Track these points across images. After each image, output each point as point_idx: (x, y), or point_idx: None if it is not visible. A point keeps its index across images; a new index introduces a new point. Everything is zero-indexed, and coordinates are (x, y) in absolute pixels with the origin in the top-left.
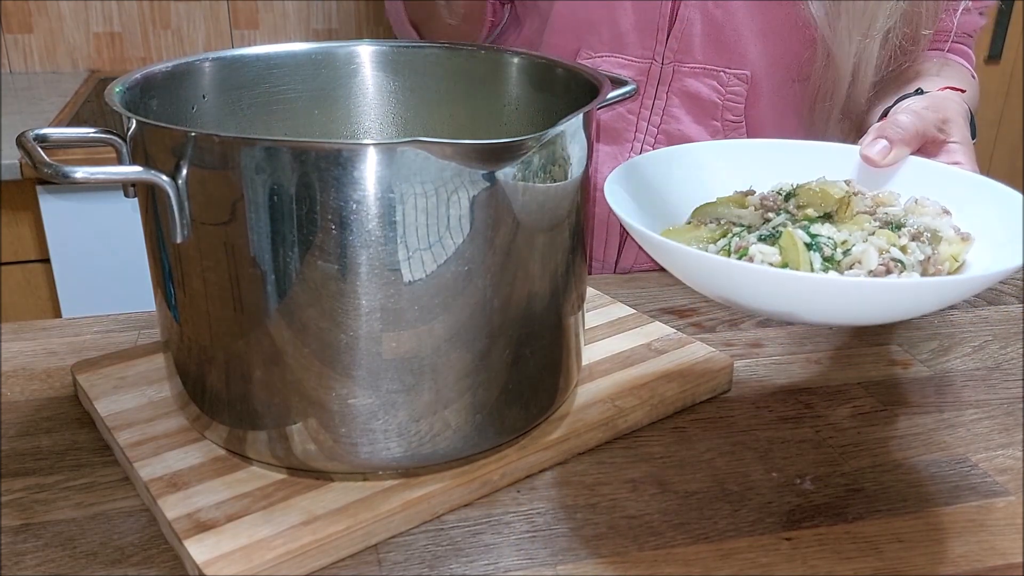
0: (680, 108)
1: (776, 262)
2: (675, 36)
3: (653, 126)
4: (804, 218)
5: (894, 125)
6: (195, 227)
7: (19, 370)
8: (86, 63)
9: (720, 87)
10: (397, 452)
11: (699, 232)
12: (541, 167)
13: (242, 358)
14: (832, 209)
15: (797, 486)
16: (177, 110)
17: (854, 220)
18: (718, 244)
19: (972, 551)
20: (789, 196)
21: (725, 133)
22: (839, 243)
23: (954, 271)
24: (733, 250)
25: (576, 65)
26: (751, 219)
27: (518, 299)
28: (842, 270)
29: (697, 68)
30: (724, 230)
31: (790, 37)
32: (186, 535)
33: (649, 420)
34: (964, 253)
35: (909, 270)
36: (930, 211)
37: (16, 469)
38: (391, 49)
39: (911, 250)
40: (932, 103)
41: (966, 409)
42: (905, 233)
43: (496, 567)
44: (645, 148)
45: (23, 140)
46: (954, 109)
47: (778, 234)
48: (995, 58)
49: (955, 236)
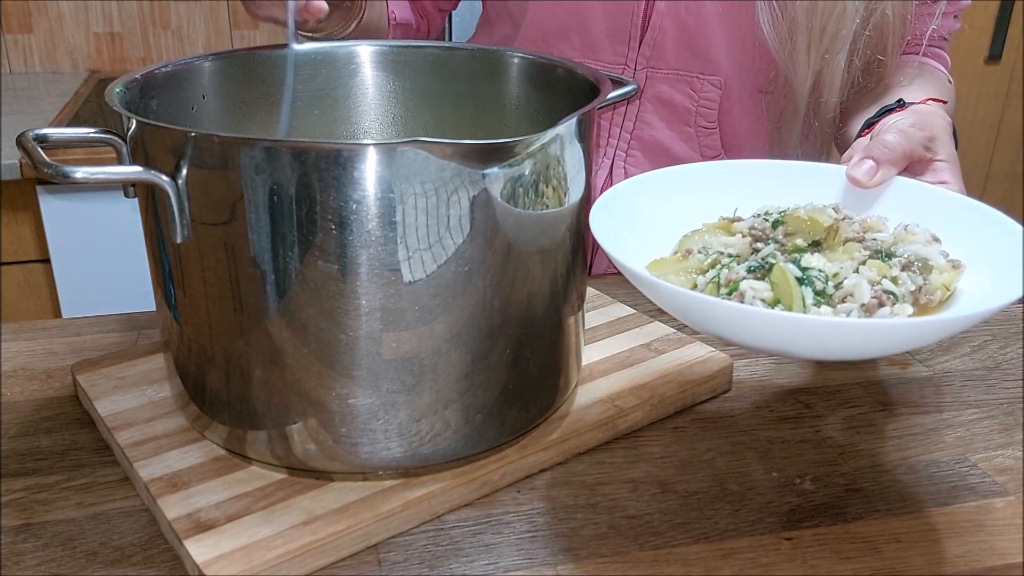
0: (653, 114)
1: (768, 298)
2: (647, 42)
3: (627, 132)
4: (793, 248)
5: (881, 145)
6: (195, 227)
7: (19, 370)
8: (86, 63)
9: (693, 93)
10: (397, 452)
11: (687, 263)
12: (541, 167)
13: (242, 358)
14: (820, 237)
15: (797, 486)
16: (177, 110)
17: (844, 248)
18: (707, 276)
19: (971, 551)
20: (776, 224)
21: (699, 139)
22: (831, 276)
23: (946, 299)
24: (723, 283)
25: (576, 65)
26: (739, 248)
27: (518, 299)
28: (834, 304)
29: (670, 74)
30: (713, 260)
31: (756, 48)
32: (186, 535)
33: (649, 420)
34: (955, 282)
35: (901, 301)
36: (920, 238)
37: (16, 469)
38: (391, 49)
39: (902, 280)
40: (918, 120)
41: (965, 409)
42: (896, 263)
43: (496, 567)
44: (619, 154)
45: (23, 140)
46: (940, 126)
47: (767, 266)
48: (995, 58)
49: (946, 264)
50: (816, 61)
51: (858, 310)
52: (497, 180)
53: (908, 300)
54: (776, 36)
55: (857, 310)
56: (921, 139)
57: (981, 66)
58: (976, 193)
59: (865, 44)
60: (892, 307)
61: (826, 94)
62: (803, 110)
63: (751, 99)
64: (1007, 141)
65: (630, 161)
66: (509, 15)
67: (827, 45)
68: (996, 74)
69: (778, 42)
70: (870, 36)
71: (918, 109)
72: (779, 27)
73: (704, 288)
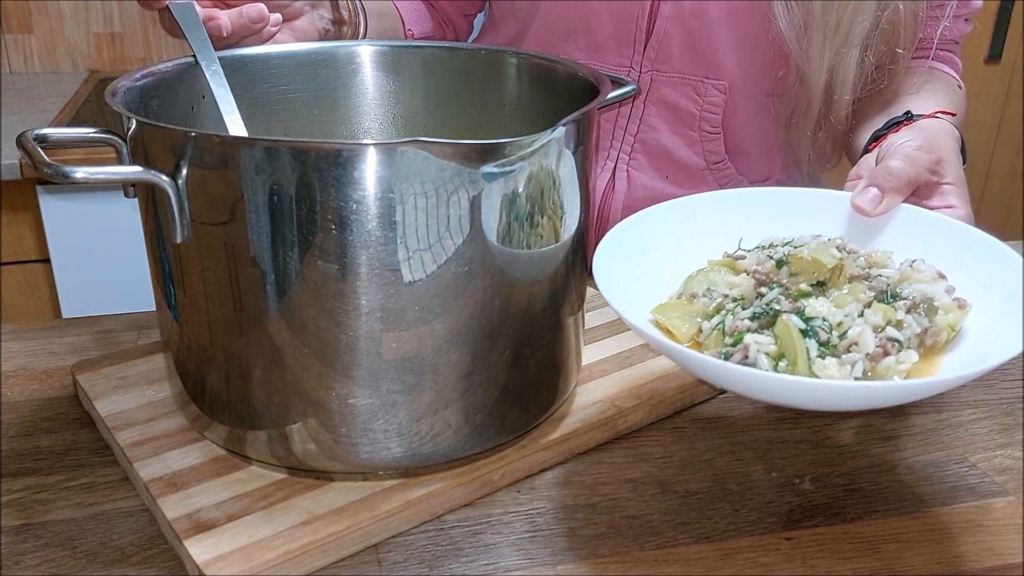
0: (657, 118)
1: (772, 352)
2: (652, 45)
3: (630, 135)
4: (798, 293)
5: (886, 173)
6: (195, 227)
7: (19, 370)
8: (86, 63)
9: (698, 97)
10: (397, 452)
11: (691, 308)
12: (542, 167)
13: (242, 358)
14: (825, 277)
15: (796, 486)
16: (177, 110)
17: (849, 289)
18: (712, 321)
19: (970, 551)
20: (781, 263)
21: (703, 144)
22: (835, 325)
23: (951, 340)
24: (728, 332)
25: (576, 65)
26: (744, 290)
27: (518, 299)
28: (839, 354)
29: (675, 77)
30: (718, 305)
31: (764, 50)
32: (186, 535)
33: (649, 420)
34: (961, 322)
35: (906, 346)
36: (926, 276)
37: (16, 469)
38: (391, 49)
39: (907, 324)
40: (925, 142)
41: (965, 409)
42: (901, 306)
43: (496, 567)
44: (622, 157)
45: (23, 140)
46: (948, 146)
47: (771, 312)
48: (995, 58)
49: (951, 304)
50: (831, 55)
51: (863, 360)
52: (497, 180)
53: (913, 344)
54: (792, 30)
55: (862, 360)
56: (927, 163)
57: (981, 66)
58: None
59: (878, 40)
60: (897, 355)
61: (839, 91)
62: (816, 108)
63: (756, 105)
64: (1007, 141)
65: (633, 164)
66: (515, 16)
67: (842, 39)
68: (996, 74)
69: (794, 36)
70: (884, 30)
71: (924, 127)
72: (795, 21)
73: (709, 335)
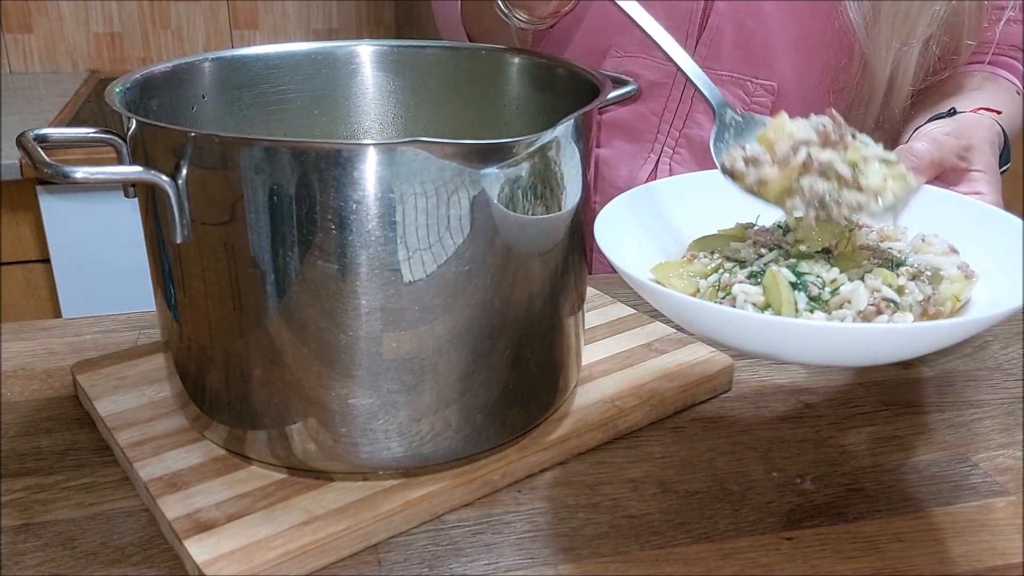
0: (703, 114)
1: (759, 302)
2: (704, 42)
3: (676, 129)
4: (797, 254)
5: (908, 153)
6: (195, 227)
7: (19, 370)
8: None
9: (745, 96)
10: (397, 452)
11: (692, 266)
12: (542, 167)
13: (242, 358)
14: (831, 244)
15: (797, 486)
16: (177, 110)
17: (852, 257)
18: (709, 279)
19: (972, 551)
20: (788, 230)
21: None
22: (828, 282)
23: (956, 310)
24: (720, 287)
25: (576, 65)
26: (746, 254)
27: (518, 299)
28: (830, 310)
29: (724, 75)
30: (717, 265)
31: (825, 46)
32: (186, 535)
33: (649, 420)
34: (967, 292)
35: (904, 310)
36: (936, 249)
37: (16, 469)
38: (391, 49)
39: (909, 290)
40: (956, 128)
41: (966, 409)
42: (904, 272)
43: (496, 567)
44: (666, 150)
45: (23, 140)
46: (980, 135)
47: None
48: None
49: (958, 274)
50: (898, 46)
51: (854, 316)
52: (497, 180)
53: (915, 310)
54: (860, 17)
55: (852, 316)
56: (955, 148)
57: None
58: None
59: (943, 30)
60: (891, 315)
61: (900, 80)
62: (879, 99)
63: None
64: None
65: (676, 159)
66: None
67: (910, 28)
68: None
69: (863, 26)
70: (950, 20)
71: (960, 117)
72: (863, 10)
73: (705, 292)
